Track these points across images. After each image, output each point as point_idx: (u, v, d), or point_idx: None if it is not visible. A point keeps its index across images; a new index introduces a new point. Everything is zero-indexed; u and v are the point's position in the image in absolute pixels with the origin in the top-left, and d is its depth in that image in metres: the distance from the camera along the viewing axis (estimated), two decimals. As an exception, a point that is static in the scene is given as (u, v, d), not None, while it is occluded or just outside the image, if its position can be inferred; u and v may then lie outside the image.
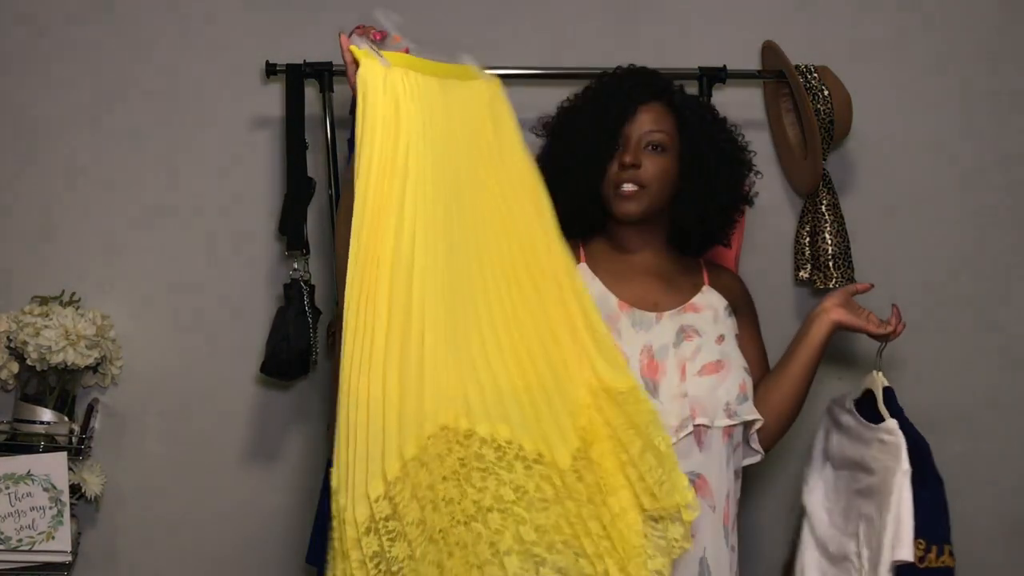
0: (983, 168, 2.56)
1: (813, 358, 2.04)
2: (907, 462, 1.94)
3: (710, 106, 2.13)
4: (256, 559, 2.48)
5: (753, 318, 2.12)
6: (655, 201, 1.98)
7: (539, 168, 1.96)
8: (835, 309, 2.05)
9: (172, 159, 2.45)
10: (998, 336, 2.57)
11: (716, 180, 2.00)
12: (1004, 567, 2.58)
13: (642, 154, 1.97)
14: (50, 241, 2.43)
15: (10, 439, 2.32)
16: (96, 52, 2.43)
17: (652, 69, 2.09)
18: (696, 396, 1.91)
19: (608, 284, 1.99)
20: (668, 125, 2.00)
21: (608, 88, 2.04)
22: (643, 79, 2.04)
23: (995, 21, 2.56)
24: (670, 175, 1.99)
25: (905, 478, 1.92)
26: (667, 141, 1.98)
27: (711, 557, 1.90)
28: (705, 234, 2.07)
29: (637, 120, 1.99)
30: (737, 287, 2.12)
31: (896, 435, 1.97)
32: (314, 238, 2.35)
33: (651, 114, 1.99)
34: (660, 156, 1.98)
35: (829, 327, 2.04)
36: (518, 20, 2.50)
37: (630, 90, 2.01)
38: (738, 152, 2.06)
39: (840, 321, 2.04)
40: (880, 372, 2.06)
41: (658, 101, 2.01)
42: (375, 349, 1.57)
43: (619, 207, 1.98)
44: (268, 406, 2.47)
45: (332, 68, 2.31)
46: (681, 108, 2.02)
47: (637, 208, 1.97)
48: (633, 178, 1.96)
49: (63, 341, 2.26)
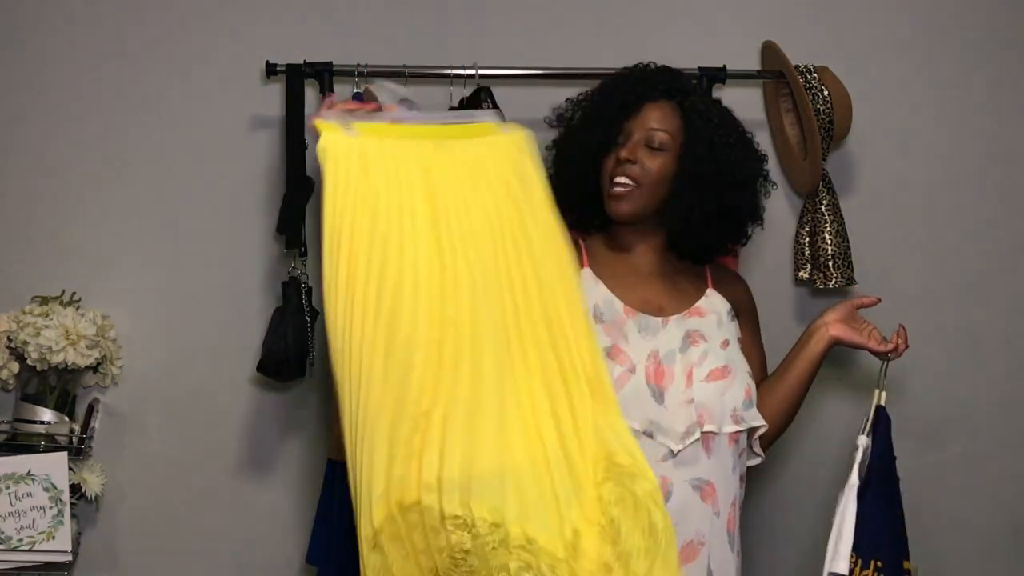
0: (983, 168, 2.56)
1: (809, 372, 2.03)
2: (855, 476, 1.94)
3: (725, 111, 2.06)
4: (256, 559, 2.48)
5: (755, 321, 2.11)
6: (648, 201, 1.97)
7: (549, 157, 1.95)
8: (835, 324, 2.03)
9: (172, 159, 2.45)
10: (998, 336, 2.57)
11: (705, 188, 1.95)
12: (1004, 567, 2.57)
13: (640, 151, 1.96)
14: (50, 241, 2.43)
15: (10, 439, 2.32)
16: (96, 52, 2.43)
17: (676, 70, 2.06)
18: (703, 402, 1.90)
19: (613, 288, 1.97)
20: (673, 126, 1.97)
21: (620, 82, 2.02)
22: (658, 76, 2.02)
23: (995, 21, 2.56)
24: (666, 176, 1.96)
25: (851, 491, 1.93)
26: (668, 141, 1.96)
27: (716, 564, 1.90)
28: (698, 244, 2.02)
29: (641, 116, 1.97)
30: (740, 290, 2.12)
31: (856, 450, 1.97)
32: (312, 238, 2.35)
33: (657, 112, 1.97)
34: (659, 155, 1.96)
35: (827, 343, 2.03)
36: (517, 20, 2.50)
37: (639, 86, 1.99)
38: (747, 161, 2.00)
39: (839, 337, 2.03)
40: (882, 391, 2.03)
41: (668, 100, 1.99)
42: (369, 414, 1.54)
43: (611, 206, 1.97)
44: (269, 406, 2.47)
45: (332, 68, 2.31)
46: (690, 111, 1.98)
47: (628, 208, 1.96)
48: (627, 173, 1.95)
49: (63, 341, 2.26)
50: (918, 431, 2.49)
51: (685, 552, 1.84)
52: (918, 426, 2.50)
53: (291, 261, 2.31)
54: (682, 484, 1.86)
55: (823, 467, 2.40)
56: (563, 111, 2.08)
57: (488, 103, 2.32)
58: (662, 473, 1.83)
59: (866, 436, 1.99)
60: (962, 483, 2.56)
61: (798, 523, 2.47)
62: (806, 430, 2.45)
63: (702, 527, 1.87)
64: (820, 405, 2.45)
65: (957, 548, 2.54)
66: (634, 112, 1.97)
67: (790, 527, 2.50)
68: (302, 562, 2.39)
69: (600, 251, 2.04)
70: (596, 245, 2.05)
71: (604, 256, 2.03)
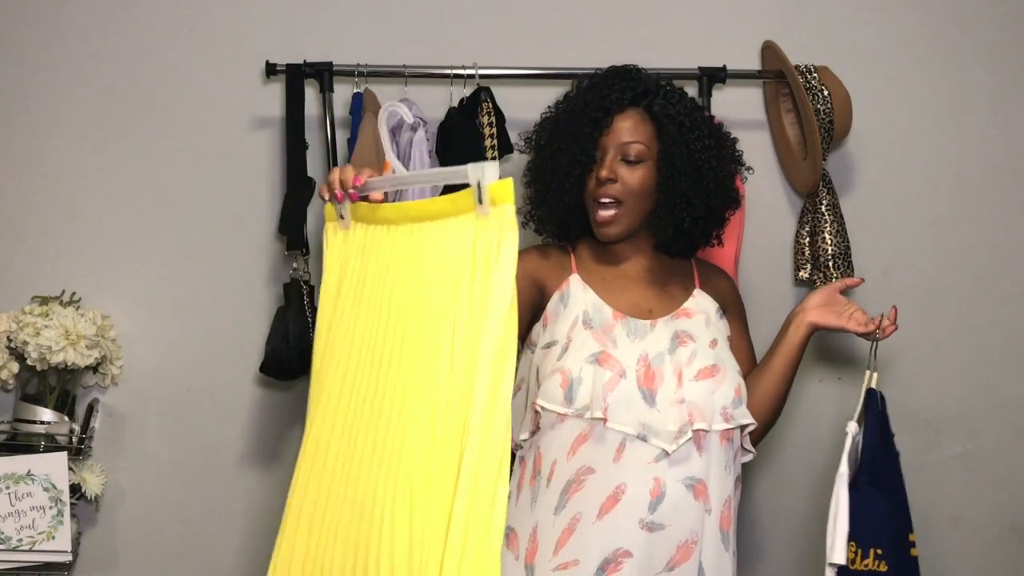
0: (983, 168, 2.56)
1: (791, 362, 2.01)
2: (844, 465, 1.92)
3: (693, 106, 2.02)
4: (256, 559, 2.47)
5: (742, 318, 2.11)
6: (635, 217, 1.96)
7: (526, 180, 2.00)
8: (813, 310, 2.01)
9: (172, 159, 2.45)
10: (998, 336, 2.57)
11: (691, 194, 1.94)
12: (1004, 567, 2.57)
13: (618, 167, 1.95)
14: (50, 241, 2.43)
15: (10, 439, 2.32)
16: (96, 52, 2.43)
17: (631, 68, 2.02)
18: (693, 401, 1.90)
19: (601, 294, 1.97)
20: (645, 134, 1.95)
21: (585, 96, 1.99)
22: (620, 84, 1.98)
23: (995, 21, 2.56)
24: (648, 188, 1.95)
25: (841, 481, 1.91)
26: (644, 152, 1.94)
27: (708, 562, 1.90)
28: (688, 241, 2.02)
29: (613, 131, 1.95)
30: (726, 287, 2.11)
31: (846, 438, 1.95)
32: (314, 238, 2.35)
33: (627, 123, 1.95)
34: (637, 168, 1.94)
35: (807, 329, 2.00)
36: (517, 20, 2.50)
37: (605, 99, 1.95)
38: (723, 154, 1.99)
39: (817, 323, 2.00)
40: (873, 372, 1.99)
41: (635, 108, 1.96)
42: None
43: (600, 232, 1.97)
44: (268, 406, 2.47)
45: (332, 68, 2.32)
46: (659, 116, 1.95)
47: (616, 231, 1.96)
48: (609, 193, 1.95)
49: (63, 341, 2.26)
50: (918, 430, 2.49)
51: (680, 552, 1.85)
52: (918, 425, 2.50)
53: (293, 261, 2.32)
54: (675, 484, 1.86)
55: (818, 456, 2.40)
56: (530, 135, 2.06)
57: (488, 103, 2.32)
58: (655, 474, 1.84)
59: (855, 423, 1.96)
60: (961, 483, 2.56)
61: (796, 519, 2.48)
62: (802, 427, 2.45)
63: (695, 526, 1.86)
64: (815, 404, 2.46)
65: (957, 547, 2.54)
66: (605, 127, 1.95)
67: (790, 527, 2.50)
68: (302, 562, 2.39)
69: (588, 257, 2.04)
70: (584, 251, 2.05)
71: (592, 262, 2.03)
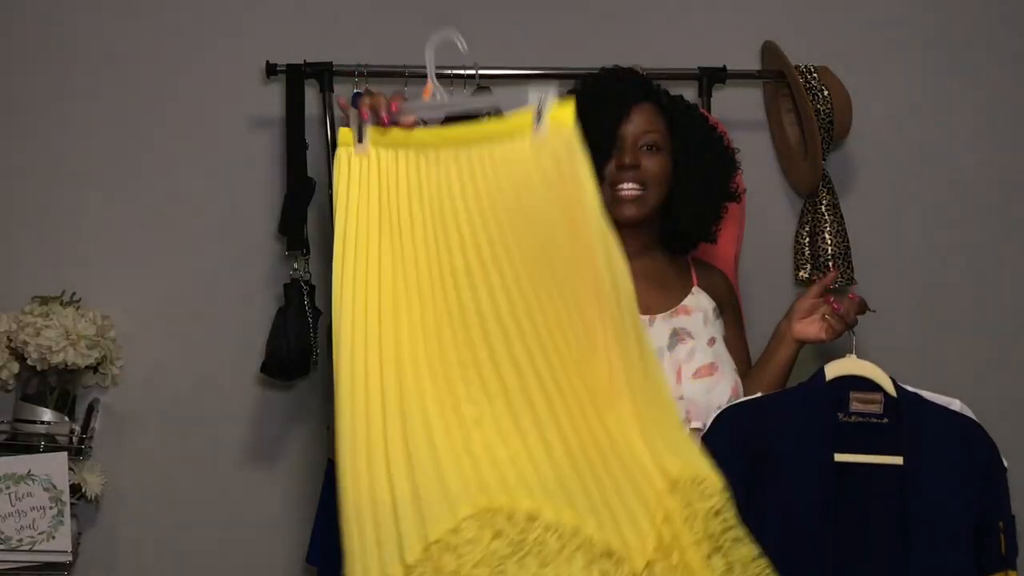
0: (983, 168, 2.56)
1: (781, 378, 2.00)
2: None
3: (694, 106, 2.13)
4: (256, 559, 2.48)
5: (737, 317, 2.12)
6: (655, 202, 1.98)
7: None
8: (798, 324, 1.98)
9: (172, 159, 2.45)
10: (998, 336, 2.57)
11: (710, 179, 2.00)
12: (1004, 567, 2.57)
13: (640, 154, 1.98)
14: (50, 241, 2.43)
15: (10, 439, 2.32)
16: (96, 53, 2.43)
17: (634, 70, 2.09)
18: (692, 399, 1.91)
19: None
20: (661, 125, 2.00)
21: (600, 89, 2.03)
22: (630, 79, 2.04)
23: (995, 21, 2.56)
24: (667, 175, 1.98)
25: None
26: (661, 141, 1.98)
27: None
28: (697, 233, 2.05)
29: (632, 120, 1.98)
30: (723, 286, 2.12)
31: None
32: (314, 238, 2.35)
33: (645, 114, 1.99)
34: (656, 155, 1.98)
35: (794, 347, 1.99)
36: (518, 20, 2.50)
37: (623, 91, 2.00)
38: (725, 150, 2.06)
39: (803, 339, 1.98)
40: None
41: (649, 101, 2.01)
42: (373, 441, 1.51)
43: (619, 211, 1.96)
44: (268, 406, 2.47)
45: (332, 68, 2.32)
46: (670, 108, 2.02)
47: (638, 212, 1.97)
48: (633, 179, 1.96)
49: (63, 341, 2.26)
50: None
51: None
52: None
53: (293, 261, 2.32)
54: None
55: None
56: None
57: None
58: None
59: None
60: (962, 483, 2.56)
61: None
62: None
63: None
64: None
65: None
66: (624, 117, 1.98)
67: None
68: (302, 562, 2.39)
69: None
70: None
71: None
